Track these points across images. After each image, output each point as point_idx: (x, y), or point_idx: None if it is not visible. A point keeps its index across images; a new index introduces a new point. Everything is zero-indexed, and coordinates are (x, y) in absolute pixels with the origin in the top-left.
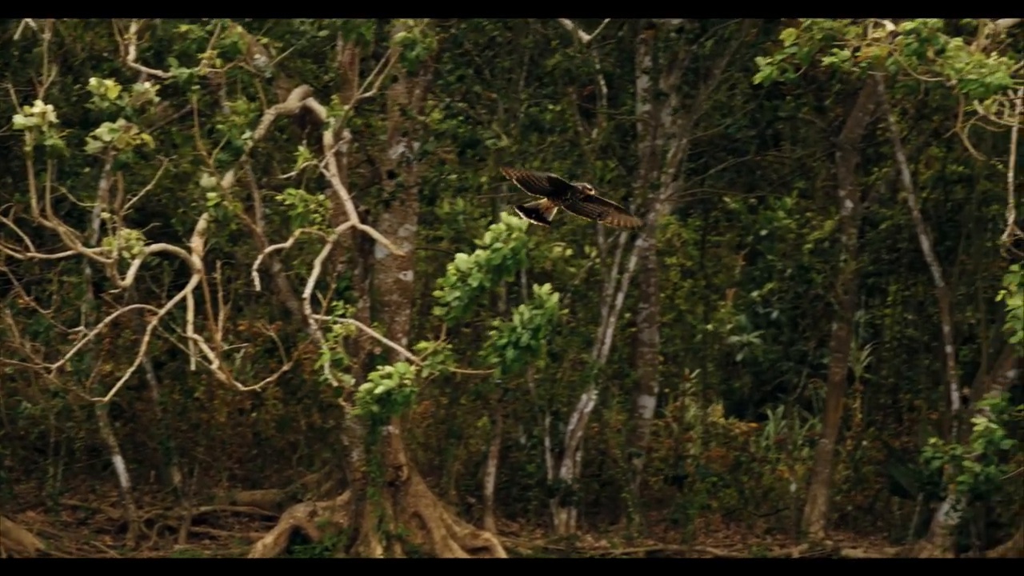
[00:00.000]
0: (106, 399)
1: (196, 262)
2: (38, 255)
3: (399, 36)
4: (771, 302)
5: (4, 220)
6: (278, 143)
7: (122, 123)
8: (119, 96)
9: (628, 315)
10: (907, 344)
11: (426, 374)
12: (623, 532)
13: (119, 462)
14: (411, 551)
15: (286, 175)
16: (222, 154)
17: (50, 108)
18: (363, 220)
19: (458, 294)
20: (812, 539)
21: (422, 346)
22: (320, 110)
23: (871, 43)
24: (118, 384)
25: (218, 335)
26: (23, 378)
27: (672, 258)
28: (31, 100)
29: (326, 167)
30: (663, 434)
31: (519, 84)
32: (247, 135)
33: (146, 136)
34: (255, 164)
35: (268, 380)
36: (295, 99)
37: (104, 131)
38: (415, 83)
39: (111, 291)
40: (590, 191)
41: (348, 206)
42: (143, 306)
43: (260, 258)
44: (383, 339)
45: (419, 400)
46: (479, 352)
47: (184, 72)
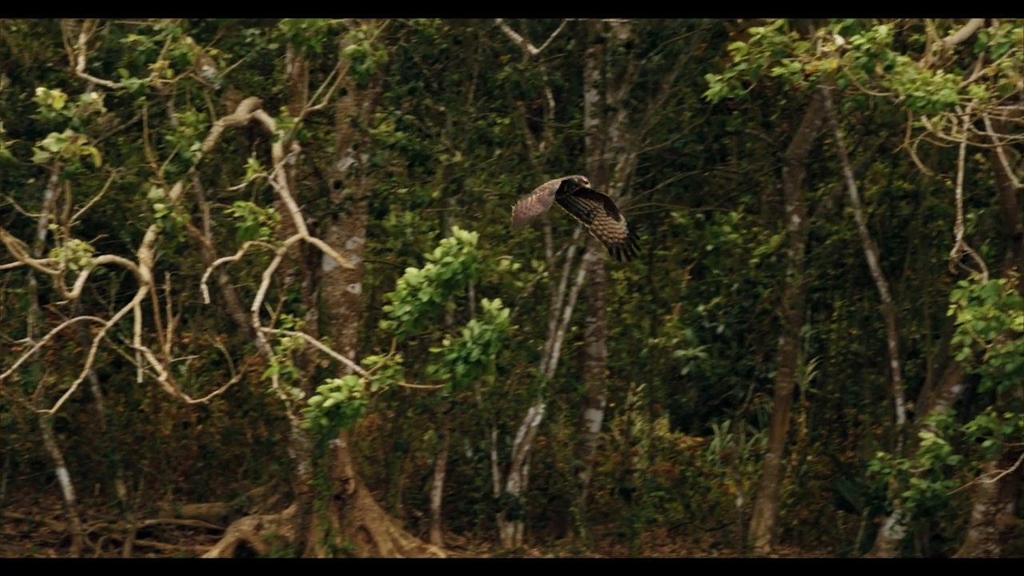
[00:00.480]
0: (52, 411)
1: (144, 274)
2: None
3: (349, 49)
4: (717, 316)
5: None
6: (225, 155)
7: (69, 133)
8: (65, 106)
9: (575, 328)
10: (852, 359)
11: (376, 388)
12: (569, 546)
13: (63, 475)
14: None
15: (234, 187)
16: (170, 166)
17: None
18: (311, 232)
19: (408, 308)
20: (758, 553)
21: (372, 360)
22: (269, 122)
23: (821, 56)
24: (64, 396)
25: (167, 347)
26: None
27: (619, 272)
28: None
29: (275, 179)
30: (609, 448)
31: (468, 97)
32: (196, 147)
33: (91, 149)
34: (203, 176)
35: (216, 392)
36: (244, 111)
37: (51, 141)
38: (364, 95)
39: (57, 303)
40: (585, 184)
41: (297, 218)
42: (90, 318)
43: (209, 271)
44: (331, 352)
45: (366, 413)
46: (428, 366)
47: (135, 82)
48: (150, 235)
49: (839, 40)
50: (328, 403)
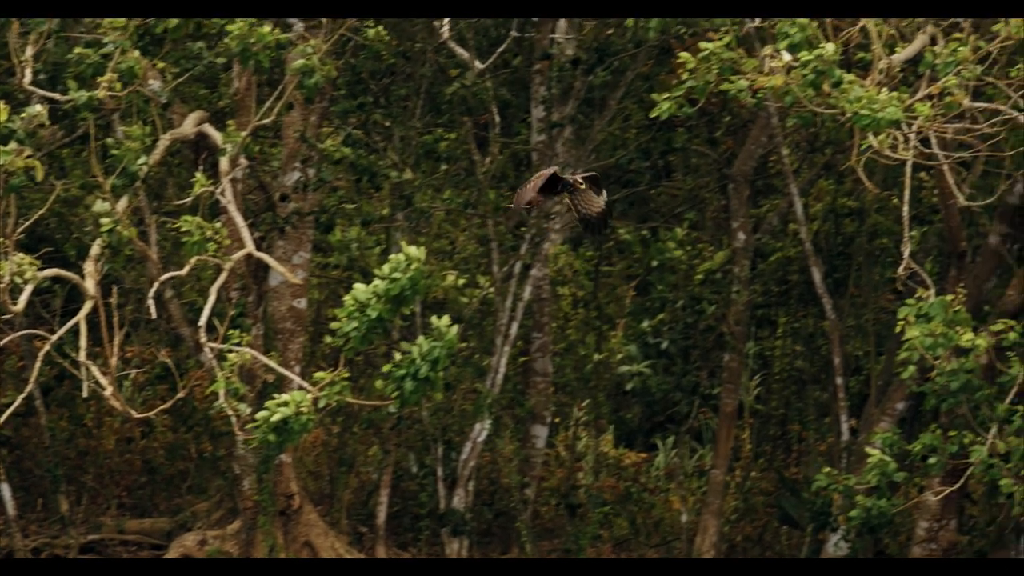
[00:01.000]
0: None
1: (90, 288)
2: None
3: (298, 63)
4: (661, 332)
5: None
6: (171, 168)
7: (14, 146)
8: (9, 118)
9: (520, 344)
10: (796, 375)
11: (323, 404)
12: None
13: (5, 489)
14: None
15: (181, 201)
16: (117, 180)
17: None
18: (258, 247)
19: (356, 324)
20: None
21: (319, 376)
22: (216, 136)
23: (769, 72)
24: (8, 411)
25: (113, 360)
26: None
27: (564, 288)
28: None
29: (222, 193)
30: (554, 464)
31: (415, 112)
32: (142, 160)
33: (34, 162)
34: (148, 189)
35: (163, 407)
36: (190, 124)
37: None
38: (311, 110)
39: (0, 316)
40: (580, 186)
41: (244, 233)
42: (35, 332)
43: (156, 285)
44: (278, 367)
45: (312, 428)
46: (375, 381)
47: (83, 95)
48: (96, 249)
49: (786, 57)
50: (276, 418)
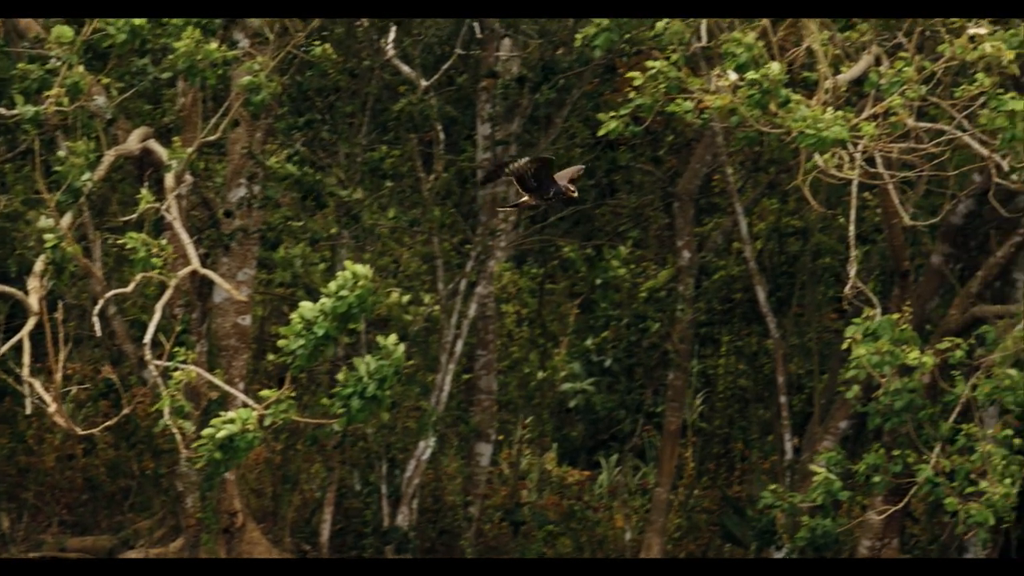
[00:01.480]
0: None
1: (34, 304)
2: None
3: (244, 80)
4: (605, 350)
5: None
6: (114, 184)
7: None
8: None
9: (463, 361)
10: (739, 394)
11: (269, 422)
12: None
13: None
14: None
15: (125, 217)
16: (61, 196)
17: None
18: (202, 264)
19: (303, 342)
20: None
21: (265, 394)
22: (161, 152)
23: (715, 91)
24: None
25: (58, 376)
26: None
27: (508, 305)
28: None
29: (167, 210)
30: (498, 482)
31: (361, 129)
32: (87, 176)
33: None
34: (91, 205)
35: (107, 424)
36: (135, 140)
37: None
38: (256, 126)
39: None
40: (573, 194)
41: (190, 250)
42: None
43: (101, 302)
44: (223, 385)
45: (257, 445)
46: (320, 398)
47: (29, 110)
48: (40, 265)
49: (732, 76)
50: (221, 435)
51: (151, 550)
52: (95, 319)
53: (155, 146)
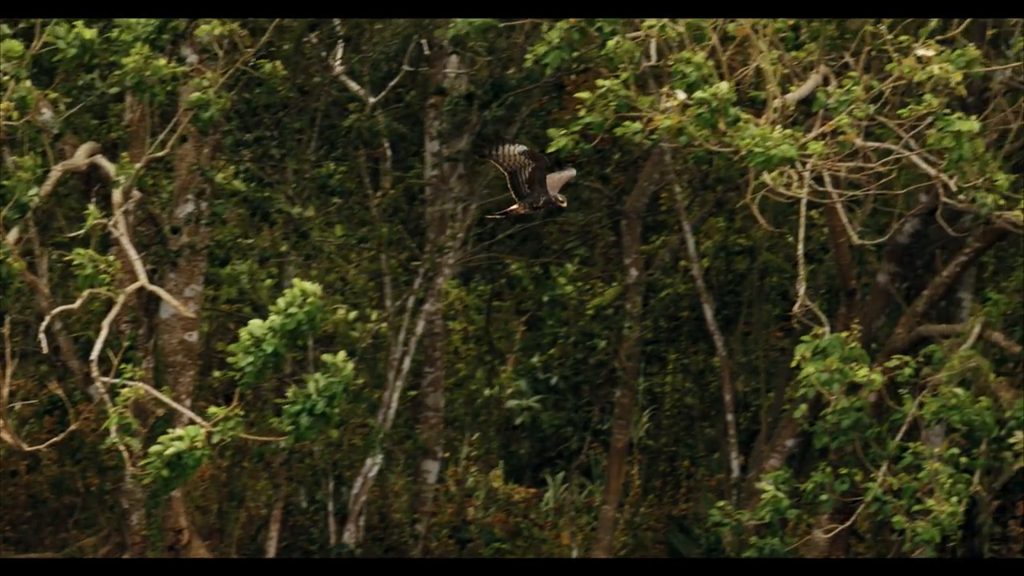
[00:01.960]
0: None
1: None
2: None
3: (193, 96)
4: (552, 368)
5: None
6: (60, 199)
7: None
8: None
9: (409, 378)
10: (686, 412)
11: (217, 440)
12: None
13: None
14: None
15: (72, 233)
16: (8, 211)
17: None
18: (149, 280)
19: (252, 359)
20: None
21: (214, 411)
22: (109, 167)
23: (664, 111)
24: None
25: (4, 391)
26: None
27: (455, 323)
28: None
29: (115, 226)
30: (444, 499)
31: (309, 145)
32: (33, 191)
33: None
34: (37, 221)
35: (54, 440)
36: (82, 155)
37: None
38: (204, 142)
39: None
40: (562, 204)
41: (137, 266)
42: None
43: (48, 319)
44: (171, 402)
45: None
46: (266, 416)
47: None
48: None
49: (680, 95)
50: (170, 452)
51: None
52: (41, 335)
53: (102, 161)
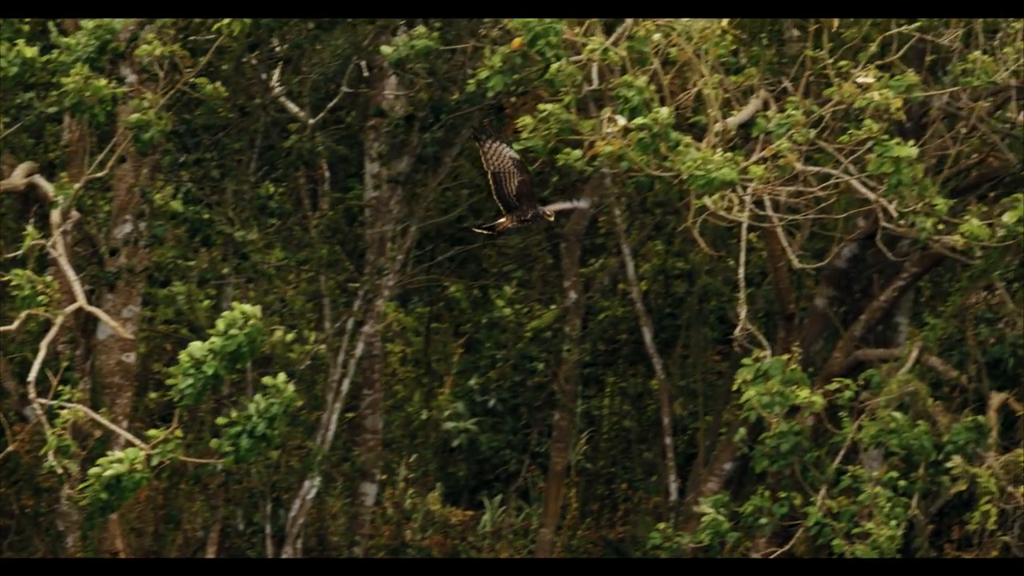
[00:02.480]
0: None
1: None
2: None
3: (133, 117)
4: (489, 390)
5: None
6: None
7: None
8: None
9: (347, 400)
10: (624, 434)
11: (156, 462)
12: None
13: None
14: None
15: (9, 254)
16: None
17: None
18: (88, 300)
19: (191, 381)
20: None
21: (153, 433)
22: (47, 187)
23: (605, 137)
24: None
25: None
26: None
27: (393, 344)
28: None
29: (53, 246)
30: (382, 521)
31: (249, 166)
32: None
33: None
34: None
35: None
36: (20, 175)
37: None
38: (143, 163)
39: None
40: (549, 218)
41: (76, 287)
42: None
43: None
44: (109, 424)
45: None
46: (205, 438)
47: None
48: None
49: (621, 121)
50: (109, 474)
51: None
52: None
53: (40, 181)
